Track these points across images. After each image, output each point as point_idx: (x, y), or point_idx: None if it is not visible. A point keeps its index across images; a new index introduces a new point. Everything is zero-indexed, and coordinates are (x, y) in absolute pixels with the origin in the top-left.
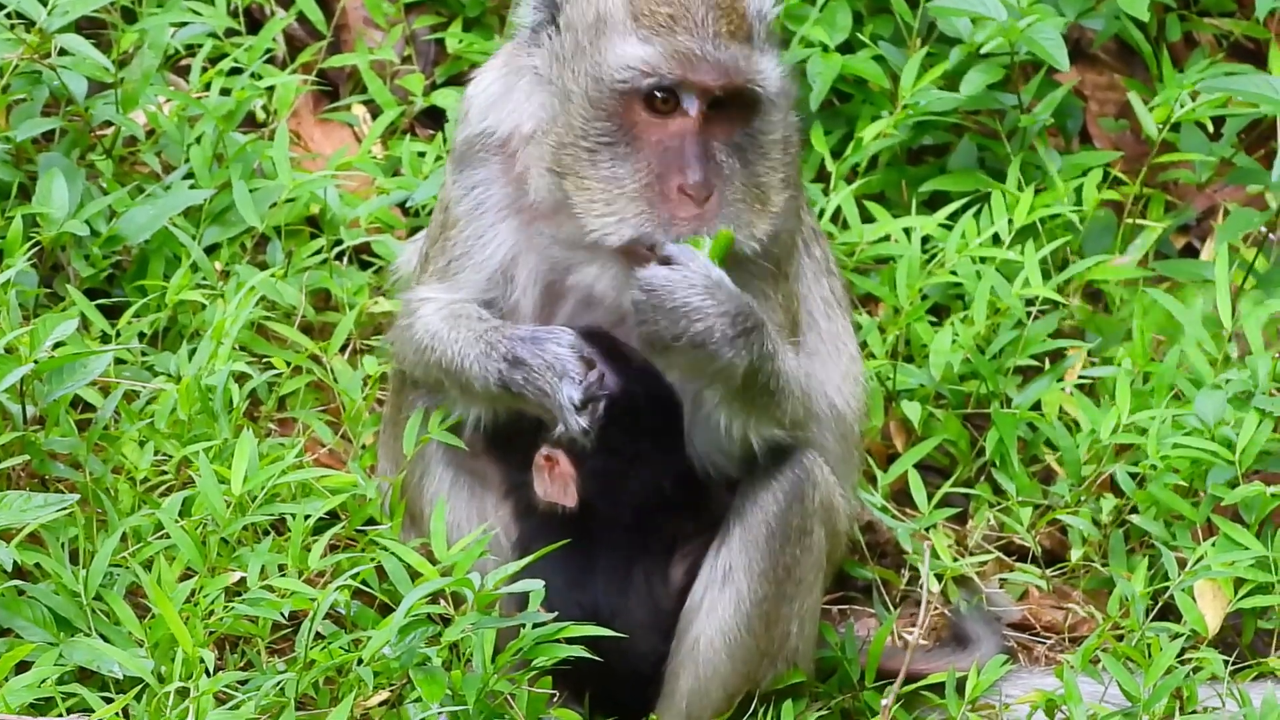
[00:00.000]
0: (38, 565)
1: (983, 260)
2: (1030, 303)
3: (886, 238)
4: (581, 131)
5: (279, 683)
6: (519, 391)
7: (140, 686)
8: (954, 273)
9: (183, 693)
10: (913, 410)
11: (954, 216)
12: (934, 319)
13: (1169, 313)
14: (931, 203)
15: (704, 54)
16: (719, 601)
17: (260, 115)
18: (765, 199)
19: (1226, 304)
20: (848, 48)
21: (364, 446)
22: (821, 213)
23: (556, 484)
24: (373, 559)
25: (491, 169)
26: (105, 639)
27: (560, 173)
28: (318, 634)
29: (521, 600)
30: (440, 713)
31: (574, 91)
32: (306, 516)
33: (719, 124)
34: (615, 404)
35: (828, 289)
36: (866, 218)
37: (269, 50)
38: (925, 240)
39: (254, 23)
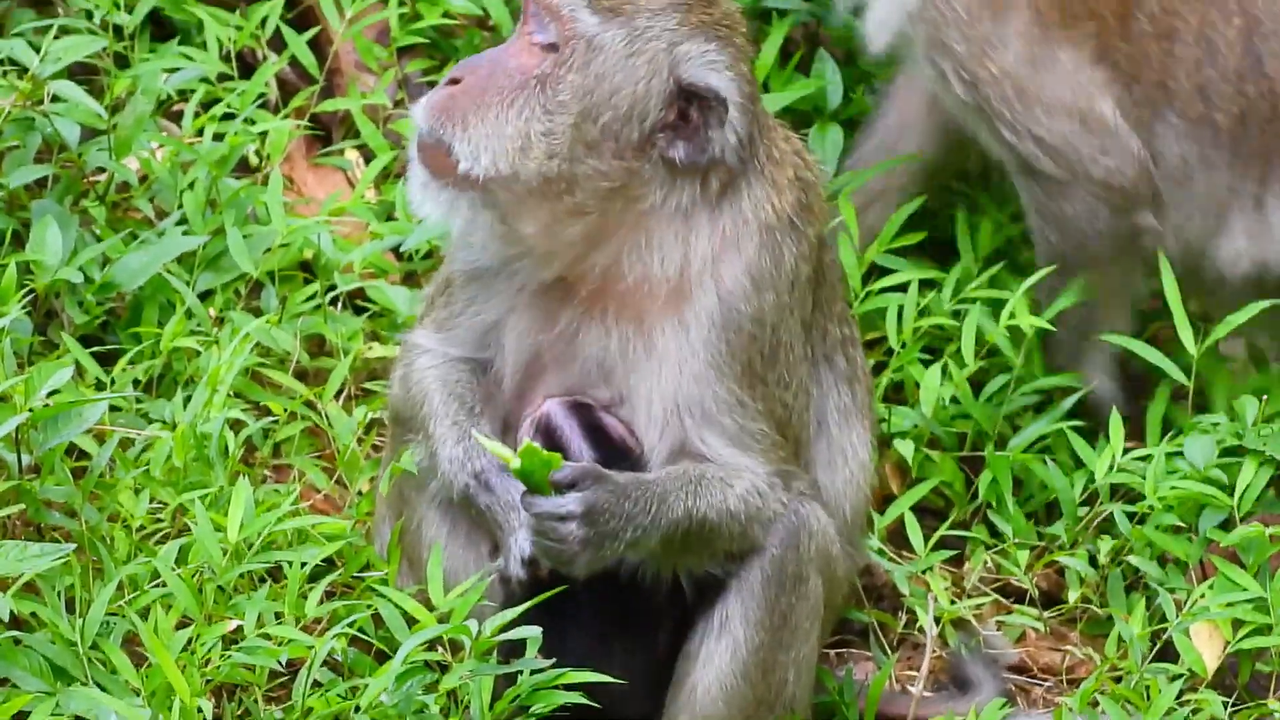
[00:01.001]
0: (34, 614)
1: (974, 301)
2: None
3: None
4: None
5: None
6: (478, 509)
7: None
8: (955, 314)
9: None
10: (906, 449)
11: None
12: (930, 358)
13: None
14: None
15: None
16: (716, 651)
17: (254, 160)
18: (517, 143)
19: (1188, 336)
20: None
21: (360, 493)
22: None
23: None
24: (369, 606)
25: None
26: (102, 688)
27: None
28: (315, 682)
29: (514, 648)
30: None
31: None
32: (303, 564)
33: (528, 54)
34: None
35: (848, 397)
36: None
37: (261, 95)
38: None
39: (246, 67)
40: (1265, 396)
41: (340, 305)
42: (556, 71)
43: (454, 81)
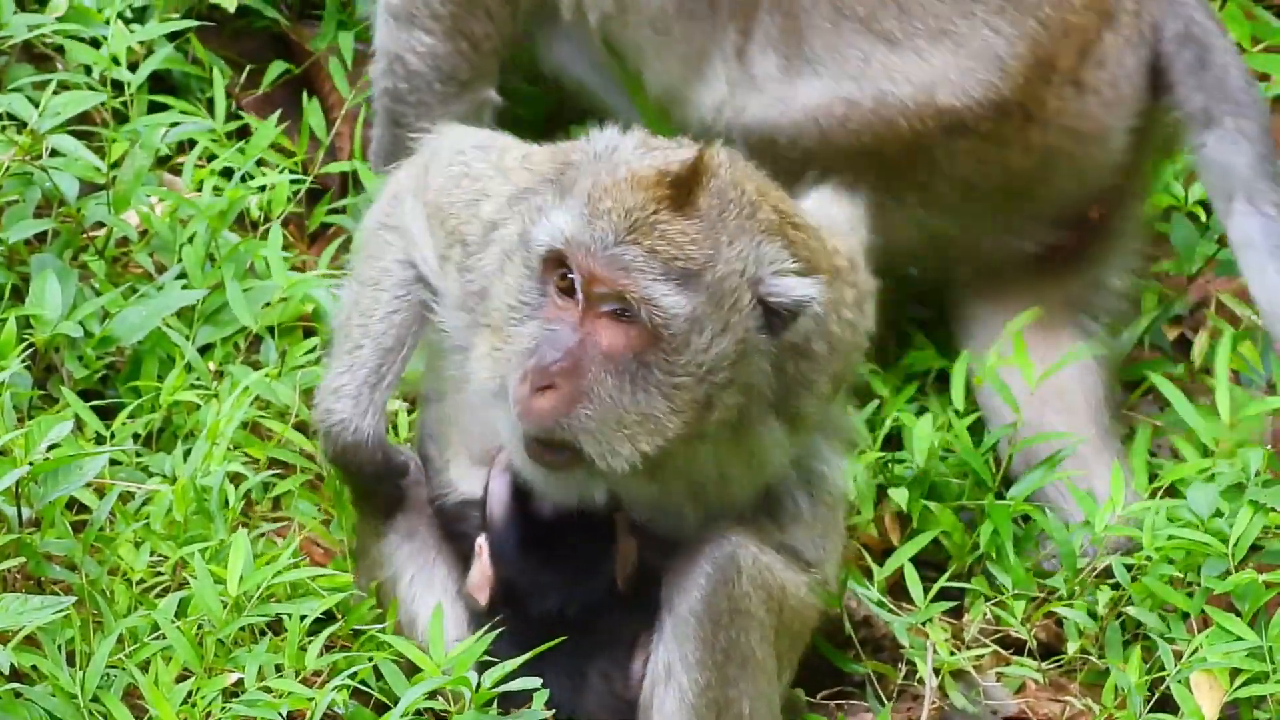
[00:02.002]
0: (34, 667)
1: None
2: None
3: None
4: (510, 272)
5: None
6: (327, 443)
7: None
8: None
9: None
10: (900, 495)
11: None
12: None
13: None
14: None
15: (602, 243)
16: (666, 699)
17: (253, 213)
18: (646, 429)
19: (1225, 401)
20: None
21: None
22: None
23: (477, 578)
24: (370, 658)
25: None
26: None
27: (471, 306)
28: None
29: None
30: None
31: (523, 217)
32: (303, 616)
33: (612, 333)
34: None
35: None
36: None
37: (260, 154)
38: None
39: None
40: (1270, 446)
41: None
42: (659, 353)
43: (545, 387)
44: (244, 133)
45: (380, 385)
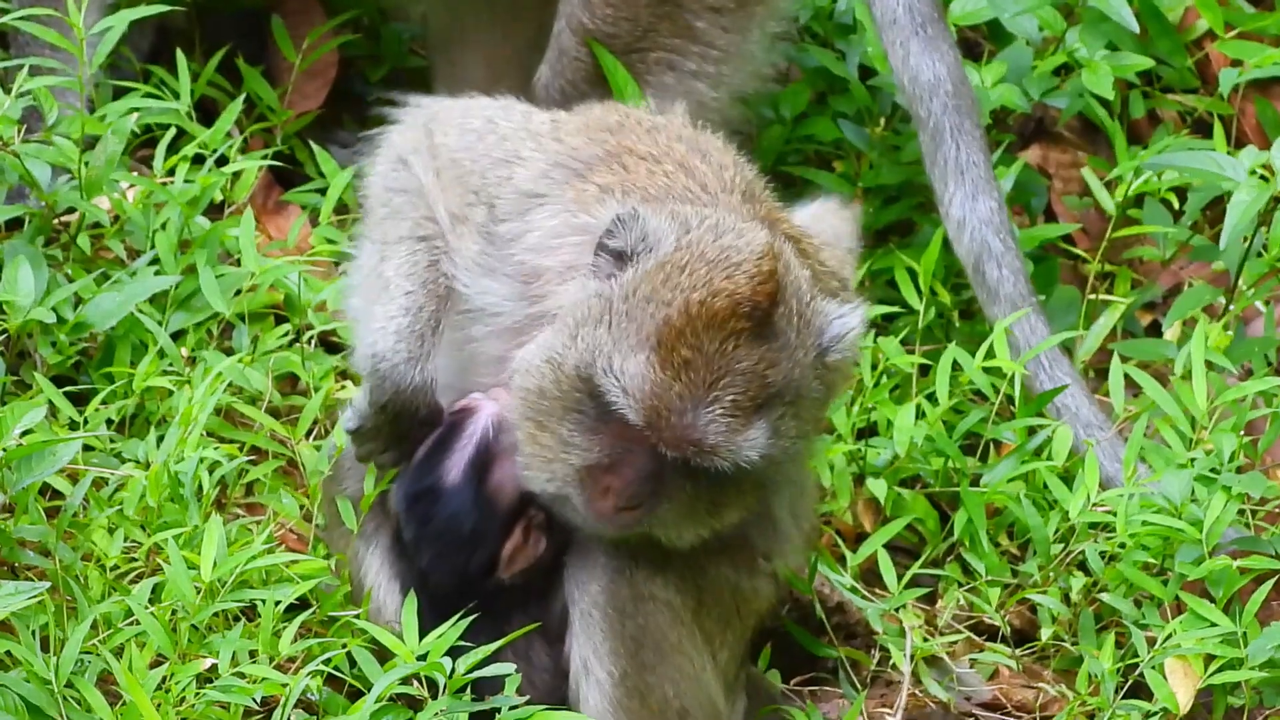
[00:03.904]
0: (8, 653)
1: (948, 338)
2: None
3: None
4: (563, 384)
5: None
6: (377, 386)
7: None
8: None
9: None
10: (879, 488)
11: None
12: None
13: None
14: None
15: (676, 418)
16: (590, 693)
17: (217, 197)
18: (714, 516)
19: (1202, 386)
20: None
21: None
22: None
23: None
24: (344, 644)
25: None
26: None
27: (523, 413)
28: None
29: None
30: None
31: (580, 342)
32: (277, 602)
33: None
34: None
35: None
36: None
37: (228, 135)
38: (892, 318)
39: (206, 114)
40: (1243, 432)
41: (313, 344)
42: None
43: (630, 506)
44: (206, 121)
45: (434, 332)
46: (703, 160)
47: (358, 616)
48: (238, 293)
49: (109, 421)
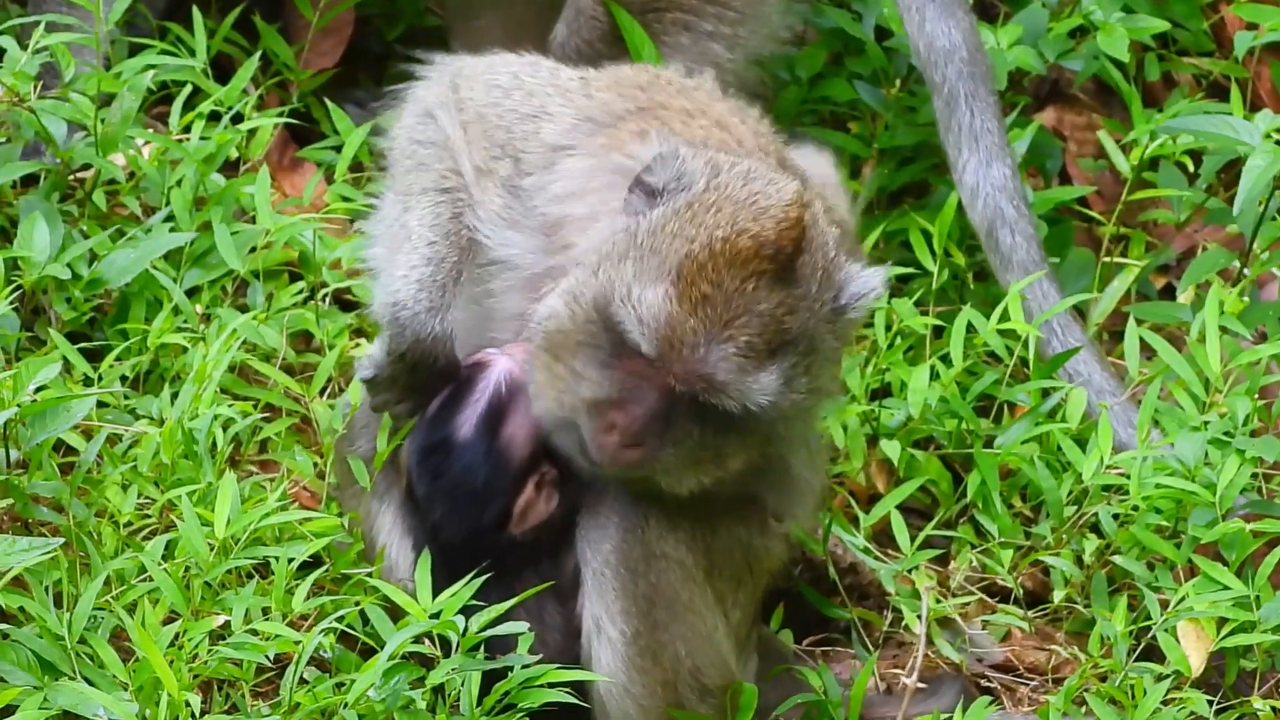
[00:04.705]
0: (21, 609)
1: (962, 300)
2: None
3: None
4: (579, 317)
5: None
6: (396, 334)
7: None
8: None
9: None
10: (893, 449)
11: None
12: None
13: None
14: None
15: (689, 351)
16: (602, 652)
17: (232, 155)
18: (717, 464)
19: (1216, 350)
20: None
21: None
22: None
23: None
24: (357, 602)
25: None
26: (90, 683)
27: (540, 344)
28: (302, 678)
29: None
30: None
31: (601, 274)
32: (290, 559)
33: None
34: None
35: None
36: None
37: (243, 93)
38: (906, 279)
39: (222, 73)
40: (1257, 396)
41: (327, 301)
42: (746, 414)
43: (634, 444)
44: (223, 79)
45: (455, 283)
46: (741, 121)
47: (370, 575)
48: (253, 250)
49: (123, 378)
